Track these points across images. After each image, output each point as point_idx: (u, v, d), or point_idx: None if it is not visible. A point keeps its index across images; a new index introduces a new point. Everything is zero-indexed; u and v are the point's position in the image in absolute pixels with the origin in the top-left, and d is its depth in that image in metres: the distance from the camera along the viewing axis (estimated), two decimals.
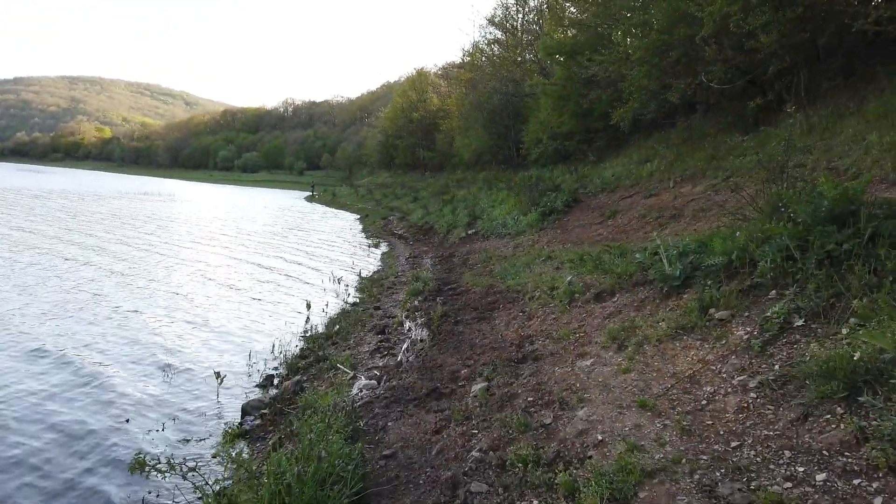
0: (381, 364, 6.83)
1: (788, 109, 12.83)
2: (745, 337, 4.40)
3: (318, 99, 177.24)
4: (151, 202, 40.00)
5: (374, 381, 5.94)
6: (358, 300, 12.26)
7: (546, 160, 27.83)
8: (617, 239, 10.74)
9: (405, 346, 7.39)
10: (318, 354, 7.87)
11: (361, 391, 5.74)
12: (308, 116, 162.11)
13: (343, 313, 10.82)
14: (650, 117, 16.55)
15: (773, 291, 4.63)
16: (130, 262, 15.55)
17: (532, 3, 37.18)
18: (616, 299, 6.03)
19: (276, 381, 7.10)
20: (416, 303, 9.99)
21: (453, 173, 43.96)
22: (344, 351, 7.93)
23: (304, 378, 6.84)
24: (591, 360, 5.12)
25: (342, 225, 32.53)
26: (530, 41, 36.57)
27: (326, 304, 11.53)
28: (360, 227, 31.48)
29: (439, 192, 35.22)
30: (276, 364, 7.91)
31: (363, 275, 15.45)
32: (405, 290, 11.72)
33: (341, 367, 6.80)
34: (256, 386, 6.96)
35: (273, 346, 8.55)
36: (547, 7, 33.26)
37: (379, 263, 17.92)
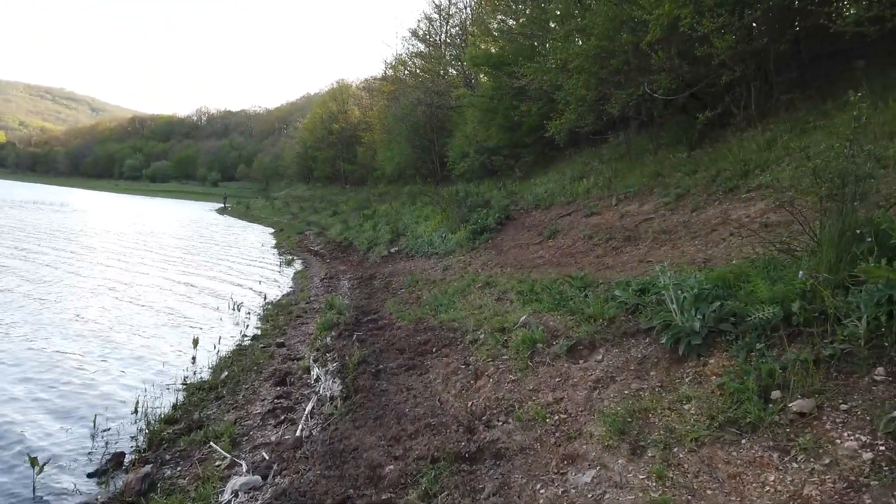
0: (273, 439, 4.99)
1: (739, 123, 12.03)
2: (866, 455, 2.67)
3: (235, 108, 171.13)
4: (43, 213, 35.67)
5: (258, 478, 4.11)
6: (260, 332, 10.29)
7: (472, 175, 26.65)
8: (563, 263, 9.36)
9: (309, 406, 5.58)
10: (191, 418, 5.90)
11: (238, 496, 3.90)
12: (223, 126, 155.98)
13: (238, 352, 8.83)
14: (587, 130, 15.48)
15: (881, 369, 3.09)
16: None
17: (456, 18, 36.38)
18: (601, 357, 4.46)
19: (126, 462, 5.10)
20: (329, 339, 8.17)
21: (375, 187, 42.27)
22: (228, 413, 6.01)
23: (163, 462, 4.89)
24: (592, 471, 3.38)
25: (253, 239, 29.96)
26: (454, 55, 35.70)
27: (219, 340, 9.46)
28: (274, 241, 29.07)
29: (360, 207, 33.36)
30: (134, 431, 5.88)
31: (270, 298, 13.41)
32: (317, 321, 9.87)
33: (216, 446, 4.91)
34: (91, 475, 4.91)
35: (137, 402, 6.47)
36: (471, 20, 32.47)
37: (290, 285, 15.87)
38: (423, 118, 33.23)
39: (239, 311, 11.80)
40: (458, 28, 36.24)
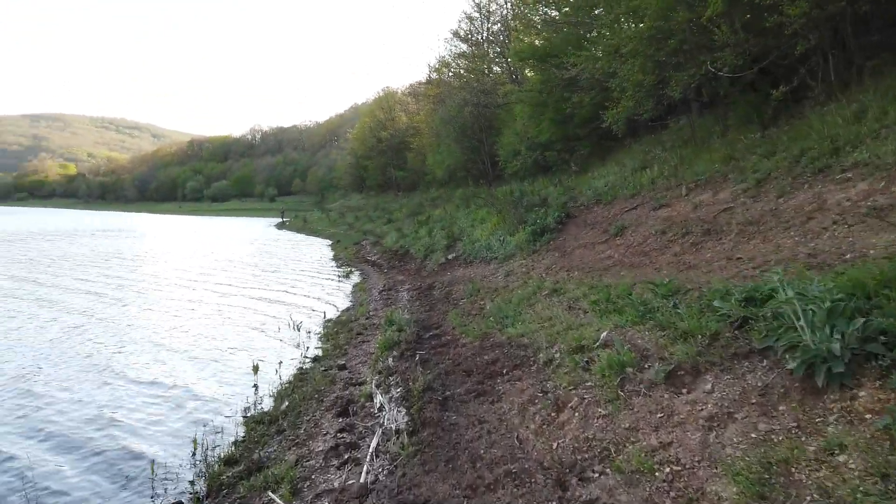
0: (336, 485, 4.54)
1: (818, 96, 10.95)
2: None
3: (286, 124, 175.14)
4: (113, 239, 37.09)
5: None
6: (321, 352, 9.99)
7: (525, 173, 25.87)
8: (636, 264, 8.62)
9: (374, 443, 5.12)
10: (251, 458, 5.55)
11: None
12: (276, 142, 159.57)
13: (299, 377, 8.51)
14: (646, 118, 14.56)
15: None
16: (68, 311, 13.00)
17: (497, 15, 35.66)
18: (710, 387, 3.72)
19: None
20: (391, 360, 7.71)
21: (427, 192, 41.94)
22: (289, 450, 5.63)
23: None
24: None
25: (312, 253, 30.11)
26: (498, 52, 35.03)
27: (280, 364, 9.19)
28: (332, 254, 29.10)
29: (414, 213, 33.08)
30: (193, 474, 5.57)
31: (330, 315, 13.15)
32: (378, 340, 9.46)
33: (274, 497, 4.50)
34: None
35: (195, 440, 6.19)
36: (512, 15, 31.71)
37: (349, 299, 15.61)
38: (470, 118, 32.68)
39: (299, 330, 11.56)
40: (499, 24, 35.60)
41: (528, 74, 26.97)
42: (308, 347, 10.39)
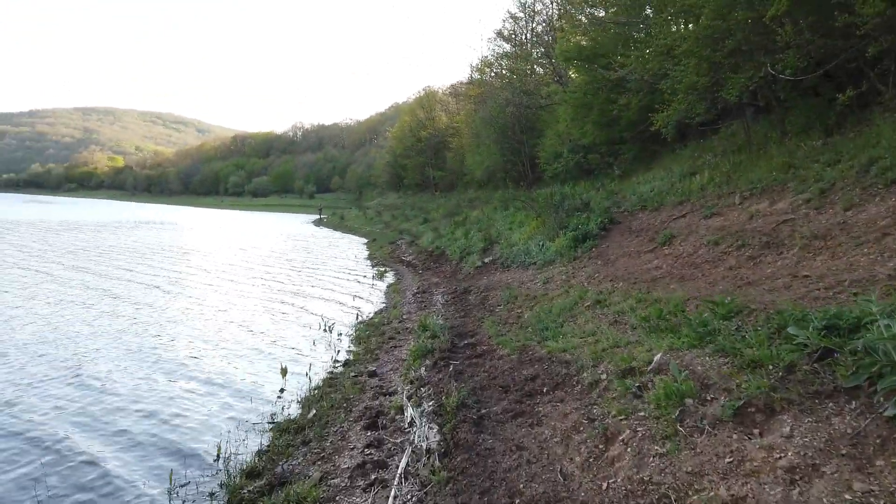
0: None
1: (888, 102, 10.21)
2: None
3: (328, 122, 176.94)
4: (154, 231, 37.83)
5: None
6: (352, 356, 9.72)
7: (566, 176, 25.30)
8: (686, 276, 8.09)
9: (403, 463, 4.78)
10: (274, 472, 5.26)
11: None
12: (318, 140, 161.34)
13: (328, 382, 8.23)
14: (697, 121, 13.90)
15: None
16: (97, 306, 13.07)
17: (543, 15, 35.07)
18: (788, 430, 3.10)
19: None
20: (423, 370, 7.38)
21: (465, 192, 41.61)
22: (314, 464, 5.33)
23: None
24: None
25: (347, 251, 30.05)
26: (542, 52, 34.48)
27: (310, 367, 8.95)
28: (367, 252, 28.98)
29: (451, 213, 32.76)
30: (214, 486, 5.32)
31: (363, 317, 12.90)
32: (410, 346, 9.15)
33: None
34: None
35: (219, 447, 5.96)
36: (559, 15, 31.10)
37: (383, 300, 15.35)
38: (511, 119, 32.24)
39: (331, 332, 11.33)
40: (544, 24, 35.01)
41: (573, 76, 26.35)
42: (339, 350, 10.13)
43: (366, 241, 35.98)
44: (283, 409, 7.31)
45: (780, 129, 13.28)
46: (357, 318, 12.72)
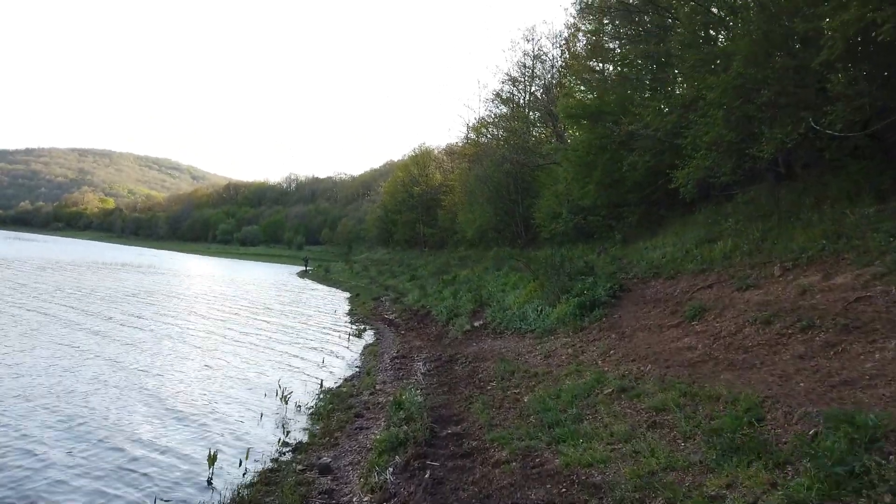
0: None
1: None
2: None
3: (322, 175, 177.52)
4: (135, 275, 35.68)
5: None
6: (306, 438, 7.78)
7: (563, 238, 23.81)
8: (737, 363, 6.32)
9: None
10: None
11: None
12: (310, 192, 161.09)
13: (266, 478, 6.27)
14: (723, 181, 12.44)
15: None
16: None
17: (541, 80, 34.47)
18: None
19: None
20: (390, 475, 5.45)
21: (455, 251, 40.06)
22: None
23: None
24: None
25: (328, 306, 28.11)
26: (538, 116, 33.81)
27: (247, 453, 6.96)
28: (348, 307, 27.05)
29: (439, 272, 31.11)
30: None
31: (329, 384, 10.97)
32: (378, 433, 7.24)
33: None
34: None
35: None
36: (561, 73, 30.42)
37: (357, 363, 13.41)
38: (506, 178, 31.17)
39: (286, 402, 9.32)
40: (542, 88, 34.40)
41: (575, 134, 25.22)
42: (289, 431, 8.16)
43: (348, 295, 34.09)
44: None
45: (814, 194, 11.85)
46: (321, 385, 10.75)
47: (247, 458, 6.83)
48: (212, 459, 6.49)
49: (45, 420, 7.71)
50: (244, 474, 6.46)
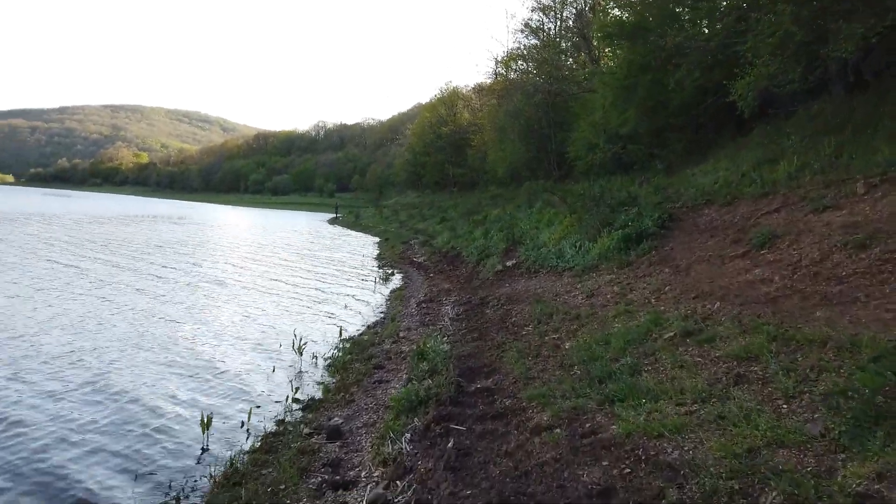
0: None
1: None
2: None
3: (350, 121, 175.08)
4: (166, 225, 35.54)
5: None
6: (320, 393, 6.93)
7: (599, 171, 22.18)
8: (832, 297, 5.11)
9: None
10: None
11: None
12: (339, 139, 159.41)
13: (268, 443, 5.41)
14: (790, 89, 10.79)
15: None
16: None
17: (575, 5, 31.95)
18: None
19: None
20: (406, 443, 4.50)
21: (486, 191, 38.67)
22: None
23: None
24: None
25: (356, 250, 27.37)
26: (573, 43, 31.52)
27: (250, 412, 6.13)
28: (376, 252, 26.26)
29: (470, 212, 29.88)
30: None
31: (350, 332, 10.13)
32: (397, 389, 6.30)
33: None
34: None
35: None
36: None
37: (382, 309, 12.55)
38: (537, 112, 29.33)
39: (301, 354, 8.46)
40: (574, 16, 31.94)
41: (613, 56, 23.21)
42: (306, 383, 7.33)
43: (378, 240, 33.32)
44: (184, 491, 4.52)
45: (894, 102, 10.22)
46: (341, 334, 9.89)
47: (249, 419, 6.00)
48: (205, 425, 5.64)
49: (76, 376, 7.01)
50: (247, 439, 5.65)
